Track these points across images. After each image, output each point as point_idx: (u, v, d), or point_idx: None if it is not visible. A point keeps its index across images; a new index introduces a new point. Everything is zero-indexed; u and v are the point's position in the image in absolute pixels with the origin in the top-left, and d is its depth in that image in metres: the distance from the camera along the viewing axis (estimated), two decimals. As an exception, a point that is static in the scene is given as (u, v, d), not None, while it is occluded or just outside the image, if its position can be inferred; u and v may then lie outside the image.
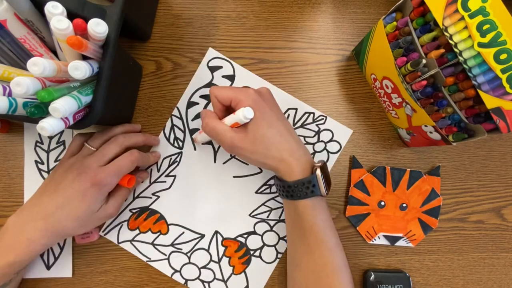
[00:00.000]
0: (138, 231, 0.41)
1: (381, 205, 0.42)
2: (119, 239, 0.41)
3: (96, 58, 0.30)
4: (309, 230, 0.34)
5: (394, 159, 0.43)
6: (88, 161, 0.34)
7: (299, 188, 0.33)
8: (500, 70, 0.28)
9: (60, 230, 0.33)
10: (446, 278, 0.43)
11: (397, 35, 0.33)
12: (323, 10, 0.43)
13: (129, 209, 0.41)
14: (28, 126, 0.42)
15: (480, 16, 0.28)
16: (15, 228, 0.33)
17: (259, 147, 0.33)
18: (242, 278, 0.41)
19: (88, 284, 0.41)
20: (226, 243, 0.42)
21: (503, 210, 0.43)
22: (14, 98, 0.27)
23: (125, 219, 0.41)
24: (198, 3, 0.42)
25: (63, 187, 0.34)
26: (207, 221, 0.42)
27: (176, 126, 0.42)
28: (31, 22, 0.29)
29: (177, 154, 0.42)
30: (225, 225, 0.42)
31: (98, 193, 0.34)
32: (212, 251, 0.42)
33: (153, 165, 0.42)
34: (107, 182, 0.34)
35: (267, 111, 0.34)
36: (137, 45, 0.42)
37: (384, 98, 0.39)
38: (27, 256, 0.33)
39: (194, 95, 0.42)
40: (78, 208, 0.33)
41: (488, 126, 0.30)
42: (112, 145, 0.35)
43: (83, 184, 0.33)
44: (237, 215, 0.42)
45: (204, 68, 0.42)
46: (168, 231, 0.41)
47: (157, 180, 0.42)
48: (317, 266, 0.34)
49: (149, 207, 0.41)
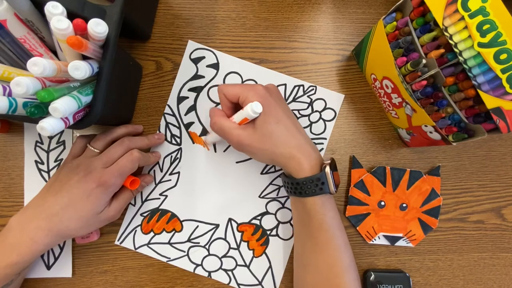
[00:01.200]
0: (152, 233, 0.41)
1: (381, 205, 0.42)
2: (136, 245, 0.41)
3: (96, 58, 0.30)
4: (318, 228, 0.33)
5: (394, 159, 0.43)
6: (93, 162, 0.34)
7: (308, 185, 0.32)
8: (500, 70, 0.28)
9: (63, 230, 0.34)
10: (446, 278, 0.43)
11: (397, 35, 0.33)
12: (323, 10, 0.43)
13: (140, 213, 0.41)
14: (28, 126, 0.42)
15: (480, 16, 0.28)
16: (18, 228, 0.33)
17: (267, 144, 0.33)
18: (263, 259, 0.42)
19: (88, 284, 0.41)
20: (242, 228, 0.42)
21: (503, 210, 0.43)
22: (14, 98, 0.27)
23: (138, 224, 0.41)
24: (198, 3, 0.42)
25: (68, 187, 0.34)
26: (219, 210, 0.42)
27: (171, 123, 0.42)
28: (31, 22, 0.29)
29: (177, 151, 0.42)
30: (237, 211, 0.42)
31: (103, 193, 0.34)
32: (229, 239, 0.42)
33: (155, 166, 0.42)
34: (112, 183, 0.34)
35: (275, 107, 0.33)
36: (137, 45, 0.42)
37: (384, 98, 0.39)
38: (29, 257, 0.33)
39: (182, 90, 0.42)
40: (82, 208, 0.33)
41: (488, 126, 0.30)
42: (117, 147, 0.36)
43: (88, 184, 0.33)
44: (247, 199, 0.42)
45: (187, 61, 0.42)
46: (182, 228, 0.42)
47: (162, 180, 0.42)
48: (326, 266, 0.33)
49: (159, 208, 0.42)
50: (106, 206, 0.35)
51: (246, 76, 0.42)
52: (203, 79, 0.42)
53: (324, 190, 0.32)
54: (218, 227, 0.42)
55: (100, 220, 0.35)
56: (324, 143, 0.43)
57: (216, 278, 0.41)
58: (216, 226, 0.42)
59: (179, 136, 0.42)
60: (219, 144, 0.42)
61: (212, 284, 0.42)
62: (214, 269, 0.41)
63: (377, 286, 0.40)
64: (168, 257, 0.41)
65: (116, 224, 0.41)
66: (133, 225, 0.41)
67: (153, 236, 0.41)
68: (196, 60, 0.42)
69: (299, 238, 0.37)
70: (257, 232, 0.42)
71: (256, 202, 0.42)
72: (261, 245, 0.42)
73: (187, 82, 0.42)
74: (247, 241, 0.42)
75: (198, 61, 0.42)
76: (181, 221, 0.42)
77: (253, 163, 0.42)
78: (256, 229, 0.42)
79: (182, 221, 0.42)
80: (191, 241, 0.42)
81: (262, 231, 0.42)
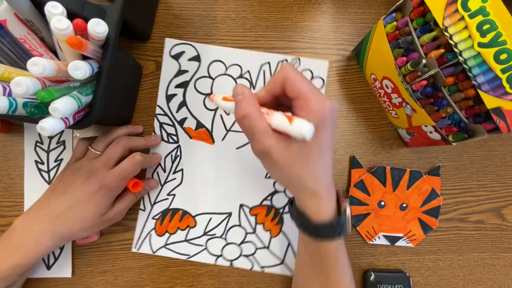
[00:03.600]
0: (168, 234, 0.41)
1: (381, 205, 0.42)
2: (153, 248, 0.41)
3: (96, 58, 0.30)
4: (328, 272, 0.32)
5: (394, 159, 0.43)
6: (95, 164, 0.35)
7: (327, 229, 0.29)
8: (500, 70, 0.28)
9: (66, 232, 0.34)
10: (446, 278, 0.43)
11: (397, 35, 0.33)
12: (323, 10, 0.43)
13: (152, 217, 0.41)
14: (28, 126, 0.42)
15: (480, 16, 0.28)
16: (22, 230, 0.33)
17: (297, 170, 0.27)
18: (281, 237, 0.42)
19: (88, 284, 0.41)
20: (254, 211, 0.42)
21: (503, 210, 0.43)
22: (14, 98, 0.28)
23: (151, 227, 0.41)
24: (198, 3, 0.42)
25: (71, 190, 0.34)
26: (229, 198, 0.42)
27: (164, 123, 0.42)
28: (31, 22, 0.29)
29: (176, 149, 0.42)
30: (246, 196, 0.42)
31: (106, 195, 0.34)
32: (244, 225, 0.42)
33: (158, 168, 0.42)
34: (114, 185, 0.34)
35: (328, 132, 0.26)
36: (137, 45, 0.42)
37: (384, 98, 0.39)
38: (32, 259, 0.33)
39: (169, 88, 0.42)
40: (86, 210, 0.34)
41: (488, 126, 0.30)
42: (115, 147, 0.36)
43: (92, 186, 0.33)
44: (254, 182, 0.42)
45: (167, 59, 0.42)
46: (196, 223, 0.42)
47: (167, 180, 0.42)
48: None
49: (170, 208, 0.42)
50: (110, 208, 0.36)
51: (229, 62, 0.42)
52: (188, 74, 0.42)
53: (342, 233, 0.29)
54: (231, 215, 0.42)
55: (103, 221, 0.35)
56: None
57: (238, 266, 0.41)
58: (229, 214, 0.42)
59: (175, 134, 0.42)
60: (215, 133, 0.42)
61: (212, 284, 0.42)
62: (234, 257, 0.42)
63: (377, 286, 0.40)
64: (187, 254, 0.41)
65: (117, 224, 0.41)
66: (147, 229, 0.41)
67: (169, 237, 0.41)
68: (176, 56, 0.42)
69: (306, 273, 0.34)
70: (270, 212, 0.42)
71: (263, 183, 0.42)
72: (276, 224, 0.42)
73: (172, 79, 0.42)
74: (262, 223, 0.42)
75: (179, 57, 0.42)
76: (193, 217, 0.42)
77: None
78: (269, 209, 0.42)
79: (194, 216, 0.42)
80: (207, 234, 0.42)
81: (275, 210, 0.42)
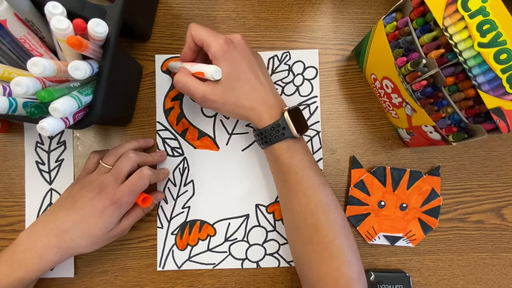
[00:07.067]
0: (189, 246, 0.42)
1: (381, 205, 0.42)
2: (178, 263, 0.41)
3: (96, 58, 0.30)
4: (287, 172, 0.34)
5: (394, 159, 0.43)
6: (106, 179, 0.34)
7: (270, 132, 0.33)
8: (500, 70, 0.28)
9: (73, 247, 0.34)
10: (446, 278, 0.43)
11: (397, 35, 0.33)
12: (323, 10, 0.43)
13: (170, 232, 0.41)
14: (28, 126, 0.42)
15: (480, 16, 0.28)
16: (27, 244, 0.33)
17: (229, 99, 0.33)
18: None
19: (88, 284, 0.41)
20: (271, 209, 0.42)
21: (503, 210, 0.43)
22: (14, 98, 0.28)
23: (172, 243, 0.41)
24: (198, 3, 0.42)
25: (80, 204, 0.34)
26: (243, 201, 0.42)
27: (166, 138, 0.42)
28: (31, 22, 0.29)
29: (182, 161, 0.42)
30: (260, 195, 0.42)
31: (116, 211, 0.34)
32: (263, 224, 0.42)
33: (168, 183, 0.42)
34: (125, 201, 0.34)
35: (237, 61, 0.33)
36: (137, 45, 0.42)
37: (384, 98, 0.39)
38: (37, 273, 0.33)
39: (166, 103, 0.42)
40: (94, 226, 0.34)
41: (488, 126, 0.30)
42: (124, 161, 0.36)
43: (102, 202, 0.33)
44: (265, 180, 0.42)
45: (160, 74, 0.42)
46: (216, 231, 0.42)
47: (179, 194, 0.42)
48: (301, 206, 0.34)
49: (187, 221, 0.42)
50: (117, 224, 0.35)
51: None
52: None
53: (287, 134, 0.33)
54: (249, 217, 0.42)
55: (109, 237, 0.35)
56: (317, 101, 0.43)
57: (265, 265, 0.42)
58: (246, 216, 0.42)
59: (179, 147, 0.42)
60: (219, 140, 0.42)
61: (212, 284, 0.42)
62: (259, 258, 0.42)
63: (377, 286, 0.40)
64: (212, 263, 0.41)
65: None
66: (168, 246, 0.41)
67: (191, 249, 0.41)
68: (168, 70, 0.42)
69: (278, 188, 0.37)
70: None
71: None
72: None
73: (167, 93, 0.42)
74: (280, 219, 0.42)
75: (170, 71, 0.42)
76: (212, 225, 0.42)
77: (257, 146, 0.42)
78: None
79: (212, 224, 0.42)
80: (228, 239, 0.42)
81: None
